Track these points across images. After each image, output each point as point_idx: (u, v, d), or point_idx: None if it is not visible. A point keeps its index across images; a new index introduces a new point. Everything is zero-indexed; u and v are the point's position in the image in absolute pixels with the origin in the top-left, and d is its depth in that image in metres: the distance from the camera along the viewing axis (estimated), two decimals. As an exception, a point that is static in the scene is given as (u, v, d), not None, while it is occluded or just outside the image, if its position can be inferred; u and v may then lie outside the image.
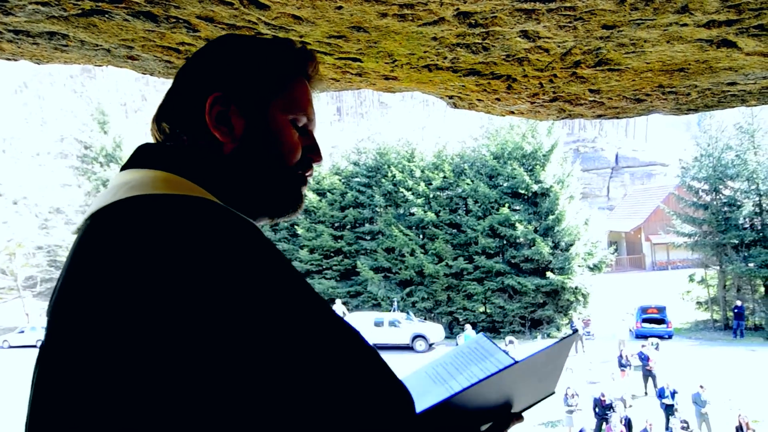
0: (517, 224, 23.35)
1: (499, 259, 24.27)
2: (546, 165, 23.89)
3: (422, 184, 25.10)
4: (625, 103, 3.28)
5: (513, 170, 23.90)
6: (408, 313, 22.93)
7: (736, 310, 21.96)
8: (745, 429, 10.64)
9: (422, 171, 25.58)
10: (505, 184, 24.36)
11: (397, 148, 26.70)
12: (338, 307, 22.21)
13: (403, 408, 0.61)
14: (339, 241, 26.60)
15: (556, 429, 13.01)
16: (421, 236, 25.62)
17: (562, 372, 1.01)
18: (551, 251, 23.09)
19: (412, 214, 25.57)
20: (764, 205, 23.21)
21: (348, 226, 27.12)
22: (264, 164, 0.75)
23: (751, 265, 22.60)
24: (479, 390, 0.83)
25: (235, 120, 0.74)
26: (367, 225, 27.01)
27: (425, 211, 24.91)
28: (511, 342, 17.25)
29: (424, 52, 2.16)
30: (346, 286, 26.17)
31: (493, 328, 23.62)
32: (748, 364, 17.43)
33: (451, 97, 2.90)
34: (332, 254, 26.65)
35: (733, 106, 3.55)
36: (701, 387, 12.15)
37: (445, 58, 2.22)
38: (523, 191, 23.85)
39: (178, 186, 0.66)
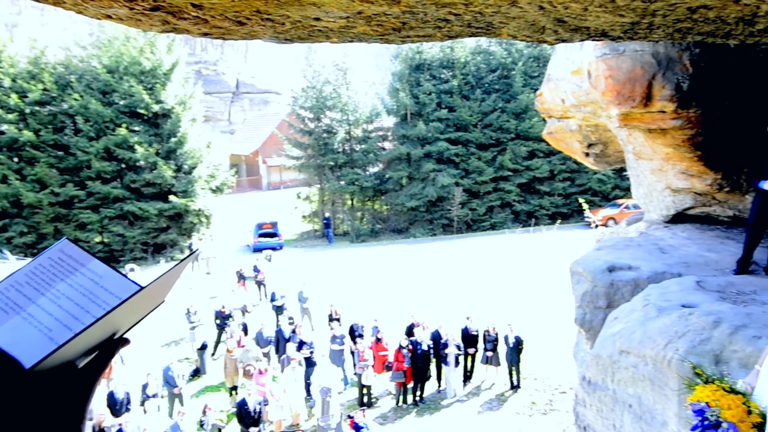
0: (137, 146, 22.04)
1: (117, 184, 22.58)
2: (167, 84, 22.94)
3: (14, 96, 20.79)
4: (229, 24, 3.47)
5: (130, 87, 22.11)
6: (2, 251, 19.43)
7: (325, 221, 26.70)
8: (334, 316, 13.24)
9: (13, 80, 21.10)
10: (121, 102, 22.43)
11: (-26, 46, 21.02)
12: None
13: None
14: None
15: (179, 346, 13.47)
16: (15, 159, 21.49)
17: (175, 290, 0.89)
18: (174, 174, 22.75)
19: (3, 133, 21.07)
20: (352, 133, 28.19)
21: None
22: None
23: (342, 183, 27.52)
24: (92, 330, 0.69)
25: None
26: (-72, 144, 20.84)
27: (20, 130, 20.94)
28: (132, 269, 16.57)
29: None
30: None
31: (112, 258, 22.13)
32: (338, 262, 21.57)
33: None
34: None
35: (321, 41, 4.17)
36: (303, 285, 14.43)
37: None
38: (142, 111, 22.44)
39: None
